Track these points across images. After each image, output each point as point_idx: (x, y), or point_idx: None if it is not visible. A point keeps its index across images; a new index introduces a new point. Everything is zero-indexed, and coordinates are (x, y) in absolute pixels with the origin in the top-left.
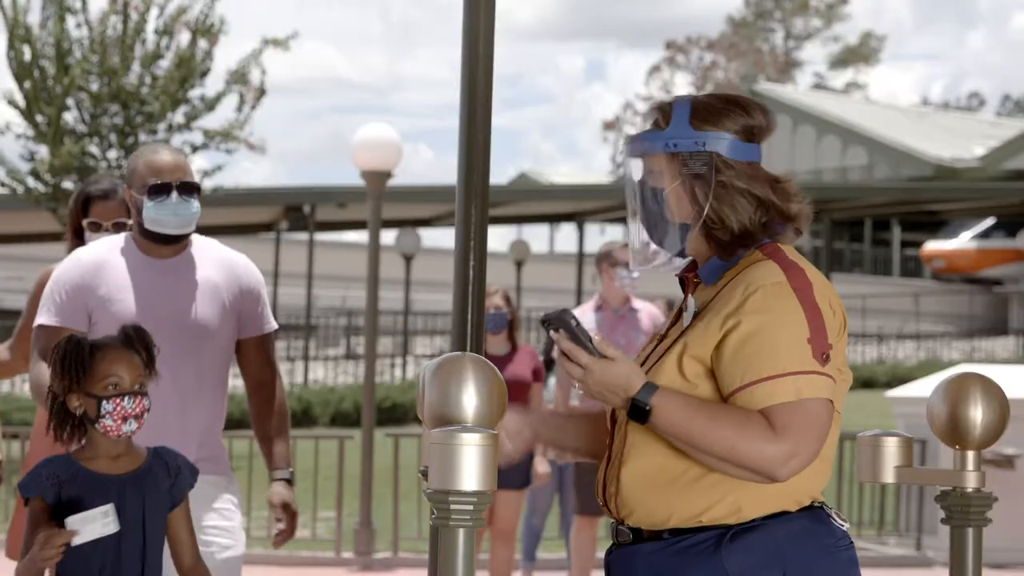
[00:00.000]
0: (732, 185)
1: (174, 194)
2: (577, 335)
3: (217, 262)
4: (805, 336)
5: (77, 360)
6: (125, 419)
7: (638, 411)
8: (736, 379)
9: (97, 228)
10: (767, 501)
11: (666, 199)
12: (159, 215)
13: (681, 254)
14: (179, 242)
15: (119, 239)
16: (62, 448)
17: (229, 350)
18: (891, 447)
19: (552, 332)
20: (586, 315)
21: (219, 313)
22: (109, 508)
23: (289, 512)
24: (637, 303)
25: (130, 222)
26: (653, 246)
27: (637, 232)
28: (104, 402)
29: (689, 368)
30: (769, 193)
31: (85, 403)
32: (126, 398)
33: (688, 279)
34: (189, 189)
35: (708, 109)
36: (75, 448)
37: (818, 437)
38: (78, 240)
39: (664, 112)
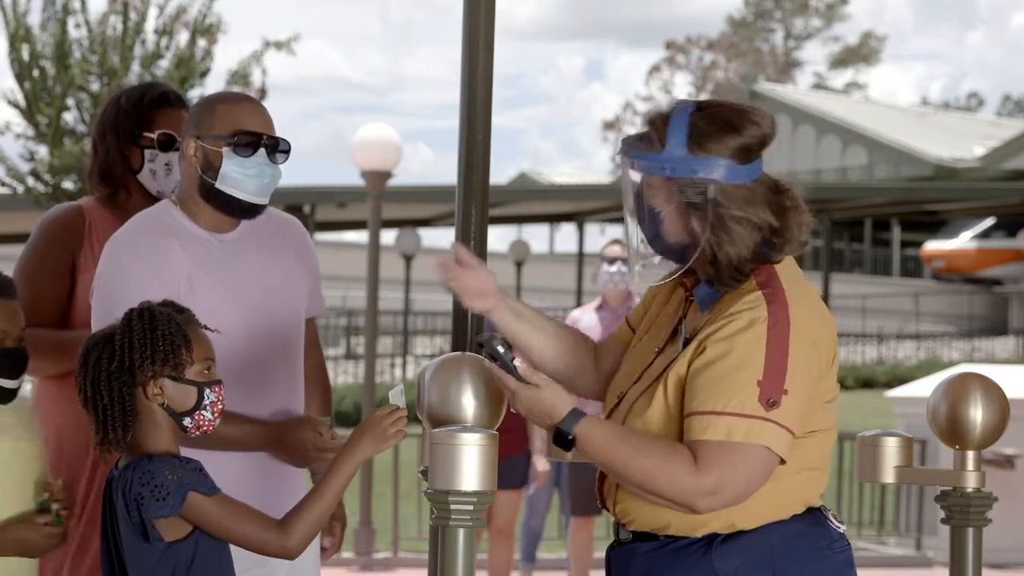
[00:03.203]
0: (730, 216)
1: (262, 151)
2: (504, 361)
3: (280, 229)
4: (756, 378)
5: (178, 337)
6: (218, 414)
7: (562, 438)
8: (687, 406)
9: (169, 145)
10: (761, 515)
11: (663, 219)
12: (242, 174)
13: (682, 266)
14: (253, 214)
15: (156, 212)
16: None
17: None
18: (891, 447)
19: (486, 359)
20: (586, 314)
21: (302, 295)
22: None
23: (340, 520)
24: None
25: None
26: (654, 255)
27: (636, 235)
28: (207, 390)
29: (672, 395)
30: (768, 215)
31: (176, 392)
32: (221, 386)
33: (686, 285)
34: (278, 149)
35: (704, 133)
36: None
37: (746, 479)
38: (124, 167)
39: (659, 129)
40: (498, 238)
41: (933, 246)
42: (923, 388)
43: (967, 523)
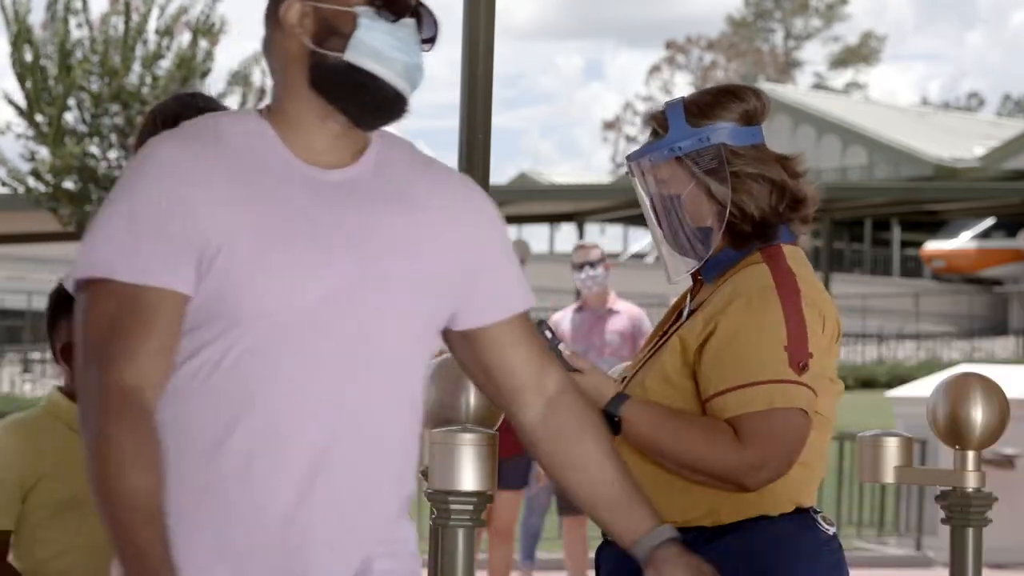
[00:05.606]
0: (745, 172)
1: (410, 22)
2: (553, 347)
3: (437, 181)
4: (782, 343)
5: None
6: None
7: (609, 422)
8: (712, 385)
9: None
10: (745, 506)
11: (684, 204)
12: (384, 44)
13: (710, 244)
14: (395, 112)
15: (243, 120)
16: None
17: (424, 346)
18: (891, 447)
19: None
20: (566, 316)
21: (436, 282)
22: None
23: None
24: (619, 304)
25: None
26: (681, 255)
27: (665, 245)
28: None
29: (673, 367)
30: (782, 173)
31: None
32: None
33: (695, 276)
34: (432, 26)
35: (700, 105)
36: None
37: (790, 448)
38: None
39: (659, 120)
40: None
41: (933, 246)
42: (923, 388)
43: (967, 523)
